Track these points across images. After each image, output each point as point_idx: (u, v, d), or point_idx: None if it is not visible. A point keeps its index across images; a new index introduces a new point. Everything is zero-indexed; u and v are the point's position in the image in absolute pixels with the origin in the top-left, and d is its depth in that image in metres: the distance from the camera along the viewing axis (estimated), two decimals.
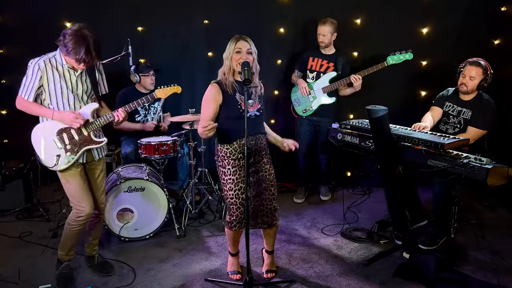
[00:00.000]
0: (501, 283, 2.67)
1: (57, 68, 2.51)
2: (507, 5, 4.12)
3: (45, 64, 2.48)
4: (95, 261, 2.92)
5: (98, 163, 2.75)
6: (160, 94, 2.89)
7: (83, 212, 2.61)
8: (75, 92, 2.58)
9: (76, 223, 2.63)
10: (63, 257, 2.76)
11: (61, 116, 2.52)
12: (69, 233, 2.69)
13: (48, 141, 2.57)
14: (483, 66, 3.10)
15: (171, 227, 3.45)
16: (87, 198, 2.64)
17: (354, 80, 3.81)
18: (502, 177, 2.43)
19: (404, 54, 3.74)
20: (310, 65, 4.06)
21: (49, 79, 2.49)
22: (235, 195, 2.58)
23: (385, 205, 3.07)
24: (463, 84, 3.16)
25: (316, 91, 4.02)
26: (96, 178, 2.76)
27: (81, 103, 2.61)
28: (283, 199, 4.32)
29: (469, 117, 3.17)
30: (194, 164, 3.74)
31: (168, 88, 2.91)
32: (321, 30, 3.91)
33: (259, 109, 2.64)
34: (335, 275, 2.84)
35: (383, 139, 2.74)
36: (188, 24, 4.42)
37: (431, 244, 3.12)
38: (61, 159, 2.56)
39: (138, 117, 4.04)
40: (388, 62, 3.75)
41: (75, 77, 2.56)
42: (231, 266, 2.88)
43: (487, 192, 4.04)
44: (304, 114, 4.10)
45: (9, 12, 4.33)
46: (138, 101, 2.75)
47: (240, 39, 2.54)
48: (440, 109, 3.32)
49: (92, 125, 2.62)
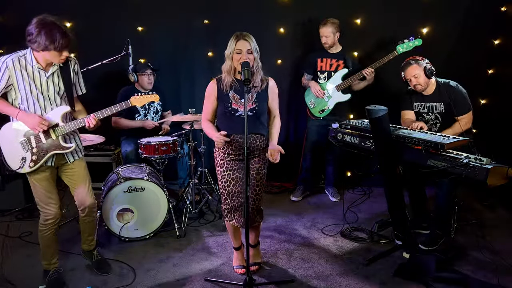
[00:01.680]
0: (501, 283, 2.67)
1: (26, 69, 2.42)
2: (507, 5, 4.12)
3: (13, 63, 2.39)
4: (93, 257, 2.91)
5: (74, 164, 2.65)
6: (135, 102, 2.71)
7: (50, 215, 2.57)
8: (45, 94, 2.48)
9: (45, 226, 2.59)
10: (47, 266, 2.72)
11: (25, 118, 2.43)
12: (42, 239, 2.65)
13: (14, 143, 2.50)
14: (413, 61, 3.15)
15: (171, 227, 3.45)
16: (53, 200, 2.58)
17: (367, 74, 3.80)
18: (502, 177, 2.43)
19: (413, 41, 3.72)
20: (320, 66, 4.05)
21: (18, 78, 2.40)
22: (222, 186, 2.68)
23: (385, 205, 3.07)
24: (415, 85, 3.18)
25: (330, 90, 4.00)
26: (75, 179, 2.67)
27: (52, 105, 2.51)
28: (281, 199, 4.32)
29: (444, 110, 3.16)
30: (194, 164, 3.74)
31: (144, 96, 2.74)
32: (323, 31, 3.91)
33: (253, 109, 2.61)
34: (335, 275, 2.84)
35: (383, 139, 2.74)
36: (188, 24, 4.42)
37: (431, 244, 3.12)
38: (26, 162, 2.49)
39: (138, 117, 4.04)
40: (398, 51, 3.72)
41: (45, 78, 2.47)
42: (236, 261, 2.92)
43: (487, 192, 4.04)
44: (321, 115, 4.07)
45: (9, 12, 4.33)
46: (112, 108, 2.61)
47: (241, 39, 2.53)
48: (412, 112, 3.32)
49: (61, 129, 2.52)
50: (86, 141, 3.37)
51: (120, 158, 4.23)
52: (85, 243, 2.91)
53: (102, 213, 3.21)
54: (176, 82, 4.55)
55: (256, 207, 2.70)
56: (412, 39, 3.71)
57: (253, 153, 2.66)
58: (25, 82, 2.42)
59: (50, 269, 2.72)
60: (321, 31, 3.93)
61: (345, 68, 3.98)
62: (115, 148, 4.38)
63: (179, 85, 4.55)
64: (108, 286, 2.72)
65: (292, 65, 4.45)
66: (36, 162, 2.51)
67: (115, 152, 4.33)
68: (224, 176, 2.66)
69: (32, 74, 2.44)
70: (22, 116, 2.44)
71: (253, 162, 2.68)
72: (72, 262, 2.98)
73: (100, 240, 3.27)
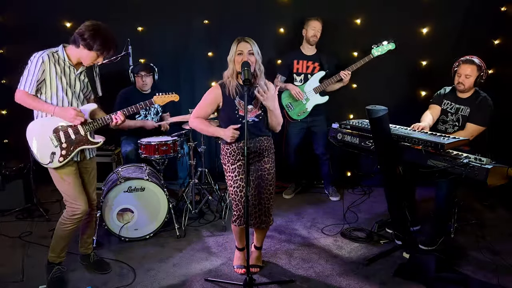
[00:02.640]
0: (501, 283, 2.67)
1: (59, 64, 2.52)
2: (507, 5, 4.13)
3: (49, 57, 2.48)
4: (91, 259, 2.92)
5: (90, 161, 2.76)
6: (158, 101, 2.95)
7: (79, 210, 2.61)
8: (73, 89, 2.59)
9: (70, 221, 2.62)
10: (54, 259, 2.74)
11: (63, 112, 2.52)
12: (61, 233, 2.67)
13: (44, 138, 2.57)
14: (476, 63, 3.12)
15: (171, 227, 3.45)
16: (82, 196, 2.64)
17: (344, 76, 3.88)
18: (502, 177, 2.43)
19: (387, 45, 3.81)
20: (296, 68, 4.07)
21: (51, 73, 2.50)
22: (234, 192, 2.66)
23: (385, 205, 3.07)
24: (459, 83, 3.17)
25: (308, 92, 4.03)
26: (88, 176, 2.77)
27: (77, 101, 2.62)
28: (281, 198, 4.32)
29: (468, 114, 3.17)
30: (194, 164, 3.74)
31: (166, 95, 2.98)
32: (317, 25, 3.93)
33: (259, 115, 2.64)
34: (335, 275, 2.84)
35: (383, 139, 2.74)
36: (188, 24, 4.42)
37: (431, 244, 3.12)
38: (56, 157, 2.56)
39: (138, 117, 4.03)
40: (373, 54, 3.82)
41: (74, 75, 2.58)
42: (237, 260, 2.93)
43: (487, 192, 4.04)
44: (299, 117, 4.09)
45: (9, 12, 4.34)
46: (137, 106, 2.79)
47: (242, 41, 2.55)
48: (438, 107, 3.32)
49: (90, 125, 2.62)
50: None
51: (120, 158, 4.23)
52: (83, 246, 2.92)
53: (102, 213, 3.21)
54: (176, 82, 4.54)
55: (270, 206, 2.73)
56: (386, 43, 3.77)
57: (261, 154, 2.68)
58: (57, 77, 2.51)
59: (56, 262, 2.74)
60: (315, 25, 3.93)
61: (322, 71, 4.02)
62: (115, 148, 4.38)
63: (179, 85, 4.54)
64: (108, 286, 2.72)
65: None
66: (65, 157, 2.58)
67: (115, 152, 4.33)
68: (237, 181, 2.64)
69: (63, 69, 2.54)
70: (59, 111, 2.52)
71: (263, 163, 2.70)
72: (72, 262, 2.98)
73: (100, 240, 3.27)
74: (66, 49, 2.54)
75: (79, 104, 2.62)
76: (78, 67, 2.60)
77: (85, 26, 2.45)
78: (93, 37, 2.42)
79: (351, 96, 4.42)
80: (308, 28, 3.96)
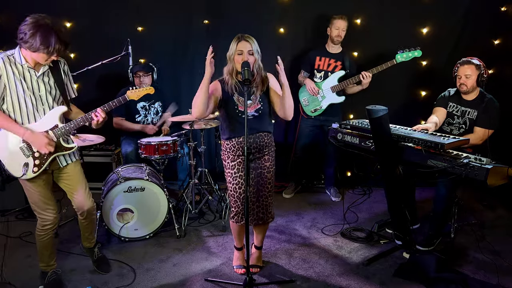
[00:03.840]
0: (501, 283, 2.67)
1: (17, 67, 2.33)
2: (507, 5, 4.13)
3: (4, 61, 2.30)
4: (95, 255, 2.90)
5: (68, 168, 2.57)
6: (132, 96, 2.67)
7: (48, 220, 2.53)
8: (37, 94, 2.39)
9: (43, 232, 2.55)
10: (45, 268, 2.70)
11: (32, 139, 2.36)
12: (41, 244, 2.61)
13: (14, 149, 2.40)
14: (474, 62, 3.13)
15: (171, 227, 3.45)
16: (51, 205, 2.53)
17: (363, 77, 3.80)
18: (502, 177, 2.43)
19: (413, 52, 3.73)
20: (318, 65, 4.05)
21: (10, 78, 2.31)
22: (233, 188, 2.67)
23: (385, 205, 3.07)
24: (461, 84, 3.17)
25: (325, 90, 4.01)
26: (72, 183, 2.60)
27: (44, 105, 2.43)
28: (281, 198, 4.32)
29: (475, 118, 3.17)
30: (194, 164, 3.74)
31: (140, 89, 2.70)
32: (341, 24, 3.89)
33: (258, 109, 2.63)
34: (335, 275, 2.84)
35: (383, 139, 2.74)
36: (188, 24, 4.42)
37: (428, 244, 3.12)
38: (30, 168, 2.41)
39: (138, 117, 4.04)
40: (397, 60, 3.74)
41: (35, 77, 2.38)
42: (236, 261, 2.93)
43: (486, 192, 4.04)
44: (313, 114, 4.09)
45: (7, 12, 4.33)
46: (115, 101, 2.56)
47: (242, 40, 2.55)
48: (444, 110, 3.31)
49: (61, 130, 2.44)
50: (86, 141, 3.37)
51: (120, 158, 4.23)
52: (85, 241, 2.90)
53: (102, 213, 3.21)
54: (176, 82, 4.55)
55: (268, 203, 2.73)
56: (413, 50, 3.72)
57: (262, 151, 2.68)
58: (17, 81, 2.32)
59: (48, 271, 2.70)
60: (339, 24, 3.88)
61: (342, 70, 3.99)
62: (115, 148, 4.38)
63: (179, 85, 4.54)
64: (108, 286, 2.72)
65: (292, 65, 4.44)
66: (39, 166, 2.43)
67: (115, 152, 4.33)
68: (236, 177, 2.66)
69: (22, 73, 2.35)
70: (29, 137, 2.36)
71: (263, 160, 2.70)
72: (72, 262, 2.98)
73: (100, 240, 3.26)
74: (21, 50, 2.31)
75: (46, 109, 2.43)
76: (38, 68, 2.38)
77: (24, 26, 2.22)
78: (33, 36, 2.18)
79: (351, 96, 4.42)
80: (332, 28, 3.94)
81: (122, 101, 2.59)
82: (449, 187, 3.02)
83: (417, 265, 2.83)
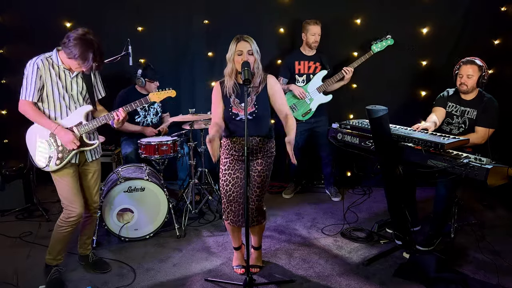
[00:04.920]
0: (501, 283, 2.67)
1: (54, 68, 2.52)
2: (507, 5, 4.13)
3: (43, 63, 2.48)
4: (90, 259, 2.92)
5: (91, 164, 2.74)
6: (154, 98, 2.82)
7: (74, 213, 2.61)
8: (69, 93, 2.58)
9: (66, 224, 2.62)
10: (51, 261, 2.74)
11: (61, 134, 2.54)
12: (58, 236, 2.67)
13: (41, 142, 2.59)
14: (478, 63, 3.13)
15: (171, 227, 3.45)
16: (78, 199, 2.64)
17: (346, 73, 3.90)
18: (502, 177, 2.43)
19: (386, 41, 3.92)
20: (298, 69, 4.07)
21: (47, 78, 2.49)
22: (221, 185, 2.71)
23: (385, 205, 3.07)
24: (462, 84, 3.17)
25: (311, 92, 4.04)
26: (88, 179, 2.75)
27: (76, 104, 2.61)
28: (281, 198, 4.32)
29: (475, 117, 3.17)
30: (194, 164, 3.74)
31: (162, 92, 2.85)
32: (317, 30, 3.92)
33: (252, 113, 2.62)
34: (335, 275, 2.84)
35: (383, 139, 2.74)
36: (188, 24, 4.42)
37: (427, 244, 3.11)
38: (52, 160, 2.57)
39: (137, 118, 4.04)
40: (374, 50, 3.89)
41: (69, 78, 2.57)
42: (236, 261, 2.93)
43: (487, 192, 4.04)
44: (304, 118, 4.09)
45: (9, 12, 4.34)
46: (136, 103, 2.73)
47: (241, 40, 2.55)
48: (443, 109, 3.31)
49: (85, 127, 2.61)
50: None
51: (120, 158, 4.23)
52: (82, 246, 2.92)
53: (102, 213, 3.21)
54: (176, 82, 4.54)
55: (255, 207, 2.70)
56: (385, 39, 3.86)
57: (256, 155, 2.68)
58: (53, 82, 2.51)
59: (53, 265, 2.73)
60: (314, 30, 3.92)
61: (324, 70, 4.02)
62: (115, 148, 4.38)
63: (179, 85, 4.54)
64: (108, 286, 2.72)
65: None
66: (62, 160, 2.58)
67: (115, 152, 4.33)
68: (225, 174, 2.69)
69: (58, 73, 2.53)
70: (58, 132, 2.54)
71: (255, 164, 2.69)
72: (72, 262, 2.98)
73: (100, 240, 3.28)
74: (59, 53, 2.51)
75: (77, 107, 2.61)
76: (73, 70, 2.57)
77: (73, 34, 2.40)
78: (75, 46, 2.37)
79: (351, 96, 4.42)
80: (308, 34, 3.95)
81: (143, 102, 2.75)
82: (449, 187, 3.02)
83: (417, 265, 2.83)
